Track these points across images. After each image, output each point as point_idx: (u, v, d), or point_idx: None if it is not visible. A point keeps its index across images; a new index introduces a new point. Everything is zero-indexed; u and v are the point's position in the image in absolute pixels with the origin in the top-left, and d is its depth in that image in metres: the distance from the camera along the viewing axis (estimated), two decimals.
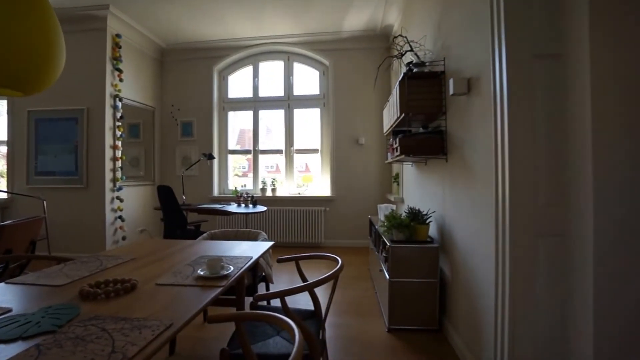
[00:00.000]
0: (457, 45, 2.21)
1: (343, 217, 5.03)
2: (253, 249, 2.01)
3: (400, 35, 2.94)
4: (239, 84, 5.52)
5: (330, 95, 5.10)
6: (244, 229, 2.78)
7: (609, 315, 1.59)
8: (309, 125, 5.35)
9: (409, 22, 3.64)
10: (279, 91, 5.35)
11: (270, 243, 2.17)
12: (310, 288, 1.48)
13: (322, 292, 3.02)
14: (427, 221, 2.40)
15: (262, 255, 2.35)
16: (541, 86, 1.54)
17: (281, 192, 5.23)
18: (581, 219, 1.47)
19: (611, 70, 1.62)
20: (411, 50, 2.71)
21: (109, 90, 4.27)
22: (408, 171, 3.76)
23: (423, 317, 2.32)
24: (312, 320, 1.72)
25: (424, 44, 2.84)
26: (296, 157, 5.34)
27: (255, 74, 5.38)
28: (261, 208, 3.91)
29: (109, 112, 4.29)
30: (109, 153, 4.30)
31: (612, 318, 1.59)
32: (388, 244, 2.34)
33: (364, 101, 5.01)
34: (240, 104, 5.47)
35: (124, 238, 4.48)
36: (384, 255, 2.46)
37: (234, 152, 5.58)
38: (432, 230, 2.65)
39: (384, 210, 2.89)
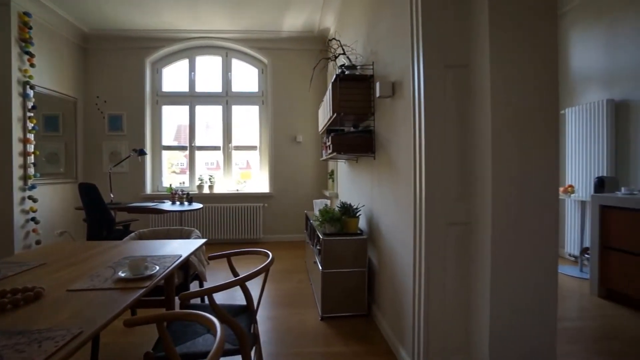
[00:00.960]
0: (383, 52, 2.38)
1: (281, 212, 5.10)
2: (183, 247, 1.96)
3: (334, 38, 3.06)
4: (174, 77, 5.25)
5: (269, 93, 5.11)
6: (176, 227, 2.68)
7: (502, 287, 1.86)
8: (248, 122, 5.29)
9: (343, 27, 3.80)
10: (217, 87, 5.20)
11: (203, 240, 2.13)
12: (239, 283, 1.50)
13: (258, 287, 3.04)
14: (357, 214, 2.56)
15: (194, 253, 2.31)
16: (452, 92, 1.74)
17: (219, 189, 5.11)
18: (483, 208, 1.69)
19: (506, 79, 1.89)
20: (344, 53, 2.84)
21: (16, 75, 3.77)
22: (342, 168, 3.93)
23: (354, 304, 2.48)
24: (244, 314, 1.75)
25: (356, 48, 2.99)
26: (237, 153, 5.26)
27: (192, 68, 5.16)
28: (197, 205, 3.79)
29: (16, 100, 3.79)
30: (17, 147, 3.81)
31: (505, 288, 1.87)
32: (321, 237, 2.44)
33: (302, 100, 5.11)
34: (175, 99, 5.21)
35: (38, 242, 4.02)
36: (318, 247, 2.57)
37: (169, 148, 5.29)
38: (362, 223, 2.82)
39: (318, 205, 3.00)
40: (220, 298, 2.80)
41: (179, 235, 2.64)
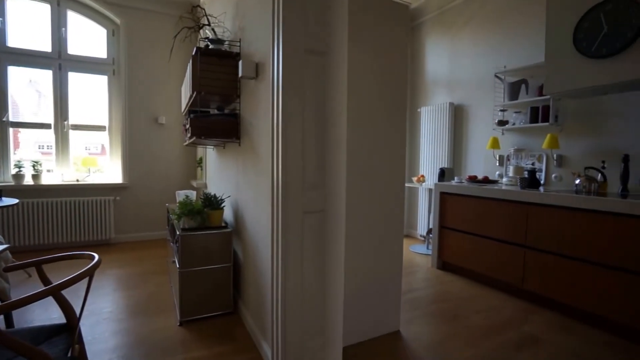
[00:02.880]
0: (250, 29, 2.20)
1: (139, 207, 4.41)
2: None
3: (199, 6, 2.71)
4: None
5: (122, 61, 4.26)
6: None
7: (354, 270, 1.99)
8: (94, 95, 4.32)
9: None
10: (44, 45, 4.03)
11: (1, 247, 1.58)
12: (49, 294, 1.13)
13: (105, 297, 2.53)
14: (222, 206, 2.35)
15: None
16: (311, 79, 1.69)
17: (52, 179, 4.05)
18: (337, 195, 1.73)
19: (362, 73, 1.98)
20: (208, 24, 2.54)
21: None
22: (210, 155, 3.62)
23: (218, 302, 2.29)
24: (64, 335, 1.37)
25: (224, 21, 2.72)
26: (80, 134, 4.22)
27: (0, 13, 3.84)
28: (10, 201, 2.89)
29: None
30: None
31: (357, 271, 2.01)
32: (178, 232, 2.15)
33: (166, 75, 4.46)
34: None
35: None
36: (177, 245, 2.26)
37: None
38: (228, 215, 2.63)
39: (180, 196, 2.66)
40: (55, 317, 2.18)
41: None
